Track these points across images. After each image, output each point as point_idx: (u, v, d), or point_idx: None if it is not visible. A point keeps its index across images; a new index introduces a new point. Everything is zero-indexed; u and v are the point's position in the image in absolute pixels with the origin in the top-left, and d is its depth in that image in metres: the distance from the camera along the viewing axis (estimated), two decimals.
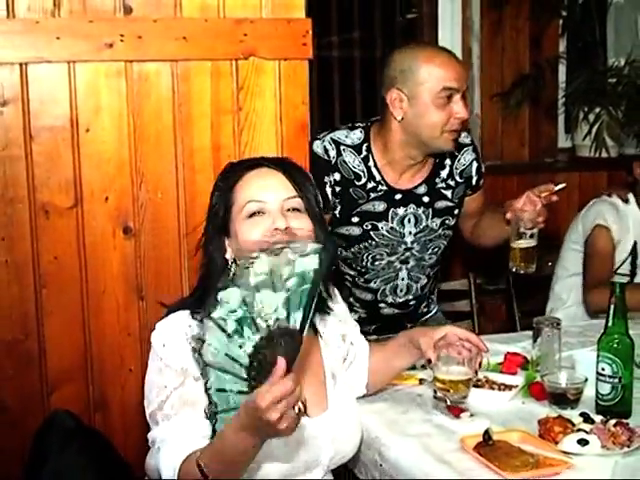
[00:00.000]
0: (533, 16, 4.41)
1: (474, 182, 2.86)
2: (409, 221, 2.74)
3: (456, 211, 2.83)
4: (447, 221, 2.81)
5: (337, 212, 2.69)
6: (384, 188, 2.70)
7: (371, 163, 2.68)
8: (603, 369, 2.10)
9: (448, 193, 2.80)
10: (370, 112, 4.34)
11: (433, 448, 1.96)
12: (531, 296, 3.44)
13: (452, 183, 2.80)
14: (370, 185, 2.68)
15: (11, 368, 2.25)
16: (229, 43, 2.29)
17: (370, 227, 2.71)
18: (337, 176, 2.66)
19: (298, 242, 1.73)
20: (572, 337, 2.66)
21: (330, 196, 2.66)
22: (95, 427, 2.24)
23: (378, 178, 2.69)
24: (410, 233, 2.75)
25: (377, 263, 2.77)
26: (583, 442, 1.89)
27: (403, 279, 2.82)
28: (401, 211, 2.72)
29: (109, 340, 2.29)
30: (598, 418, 2.01)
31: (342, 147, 2.68)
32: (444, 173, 2.78)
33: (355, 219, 2.70)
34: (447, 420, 2.10)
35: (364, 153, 2.68)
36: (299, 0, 2.31)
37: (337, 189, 2.66)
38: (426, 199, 2.75)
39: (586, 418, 2.02)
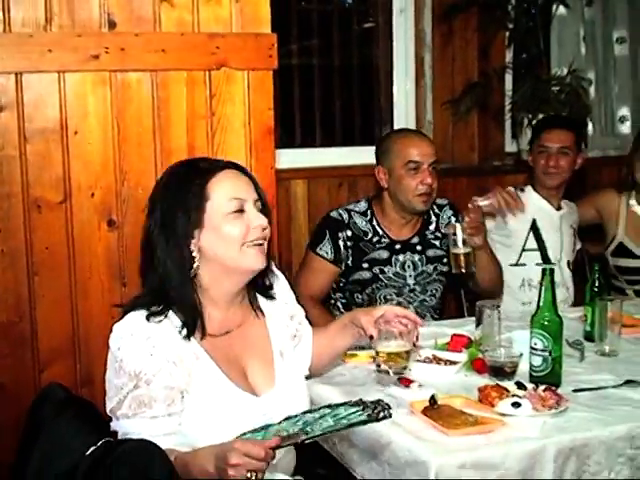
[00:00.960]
0: (481, 28, 4.57)
1: None
2: (409, 266, 3.26)
3: (445, 260, 3.28)
4: (439, 267, 3.31)
5: (350, 262, 3.19)
6: (386, 240, 3.23)
7: (375, 223, 3.23)
8: (536, 344, 2.35)
9: (437, 242, 3.31)
10: (328, 118, 4.57)
11: None
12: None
13: (439, 235, 3.32)
14: (375, 239, 3.22)
15: (6, 348, 2.39)
16: (203, 55, 2.47)
17: (378, 271, 3.21)
18: (349, 233, 3.19)
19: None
20: (513, 321, 2.89)
21: (342, 249, 3.18)
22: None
23: (381, 233, 3.23)
24: (411, 276, 3.26)
25: (388, 304, 3.16)
26: (516, 405, 2.14)
27: None
28: (401, 257, 3.24)
29: (95, 322, 2.43)
30: (530, 386, 2.27)
31: (352, 213, 3.24)
32: (432, 227, 3.33)
33: (365, 265, 3.20)
34: (399, 390, 2.34)
35: (369, 216, 3.24)
36: (265, 16, 2.51)
37: (349, 243, 3.19)
38: (419, 247, 3.28)
39: (520, 385, 2.27)
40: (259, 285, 2.22)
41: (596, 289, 2.80)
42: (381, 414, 1.86)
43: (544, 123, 3.83)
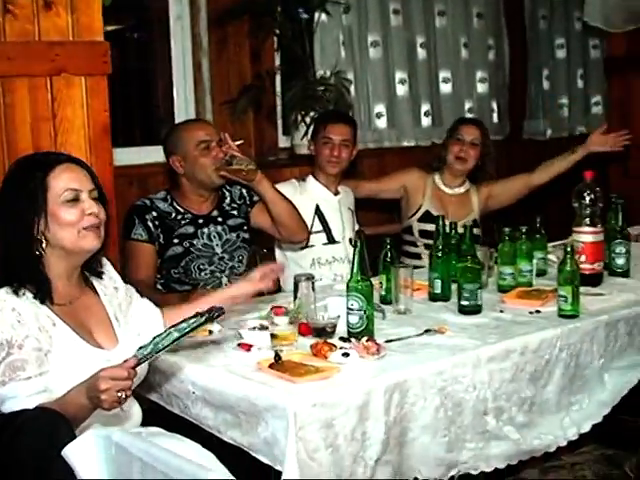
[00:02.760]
0: (252, 33, 4.90)
1: (248, 200, 3.71)
2: (214, 237, 3.59)
3: (246, 227, 3.68)
4: (241, 234, 3.67)
5: (161, 240, 3.46)
6: (189, 216, 3.55)
7: (175, 204, 3.54)
8: (352, 305, 2.73)
9: (235, 212, 3.66)
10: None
11: (236, 372, 2.50)
12: None
13: (235, 205, 3.68)
14: (179, 217, 3.52)
15: None
16: (44, 62, 2.67)
17: (188, 245, 3.51)
18: (154, 214, 3.48)
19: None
20: (317, 294, 3.22)
21: (152, 228, 3.44)
22: None
23: (182, 211, 3.53)
24: (218, 245, 3.58)
25: (203, 274, 3.54)
26: (346, 355, 2.52)
27: (226, 284, 3.53)
28: (206, 230, 3.56)
29: None
30: (353, 340, 2.69)
31: (153, 199, 3.55)
32: (227, 200, 3.67)
33: (176, 240, 3.49)
34: (241, 354, 2.67)
35: (169, 201, 3.56)
36: (98, 26, 2.75)
37: (157, 222, 3.47)
38: (220, 219, 3.62)
39: (344, 340, 2.67)
40: (91, 267, 2.53)
41: (389, 260, 3.25)
42: (216, 314, 2.27)
43: (327, 117, 4.30)
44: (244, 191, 3.72)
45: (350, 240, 4.18)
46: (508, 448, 2.69)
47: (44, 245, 2.33)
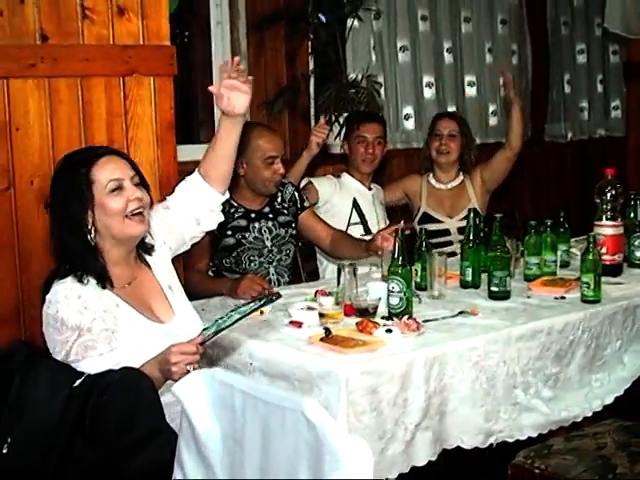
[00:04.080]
0: (288, 38, 5.18)
1: (299, 204, 3.97)
2: (265, 231, 3.83)
3: (294, 224, 3.93)
4: (289, 230, 3.92)
5: (215, 231, 3.51)
6: (242, 210, 3.77)
7: (229, 198, 3.57)
8: (393, 287, 2.96)
9: (285, 211, 3.91)
10: None
11: (290, 345, 2.74)
12: (312, 258, 4.40)
13: (285, 205, 3.92)
14: (232, 210, 3.72)
15: None
16: (118, 63, 2.92)
17: (240, 237, 3.75)
18: None
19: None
20: (359, 280, 3.51)
21: None
22: None
23: (236, 205, 3.74)
24: (268, 239, 3.83)
25: (252, 264, 3.79)
26: (389, 331, 2.75)
27: (273, 274, 3.85)
28: (257, 224, 3.80)
29: (36, 292, 2.62)
30: (394, 318, 2.93)
31: None
32: (279, 199, 3.90)
33: (229, 232, 3.72)
34: (293, 330, 2.90)
35: None
36: (166, 32, 3.02)
37: None
38: (271, 215, 3.86)
39: (386, 318, 2.92)
40: (143, 245, 2.74)
41: (424, 248, 3.50)
42: (274, 297, 2.52)
43: (360, 117, 4.58)
44: (296, 194, 3.99)
45: None
46: (538, 419, 2.91)
47: (94, 236, 2.54)
